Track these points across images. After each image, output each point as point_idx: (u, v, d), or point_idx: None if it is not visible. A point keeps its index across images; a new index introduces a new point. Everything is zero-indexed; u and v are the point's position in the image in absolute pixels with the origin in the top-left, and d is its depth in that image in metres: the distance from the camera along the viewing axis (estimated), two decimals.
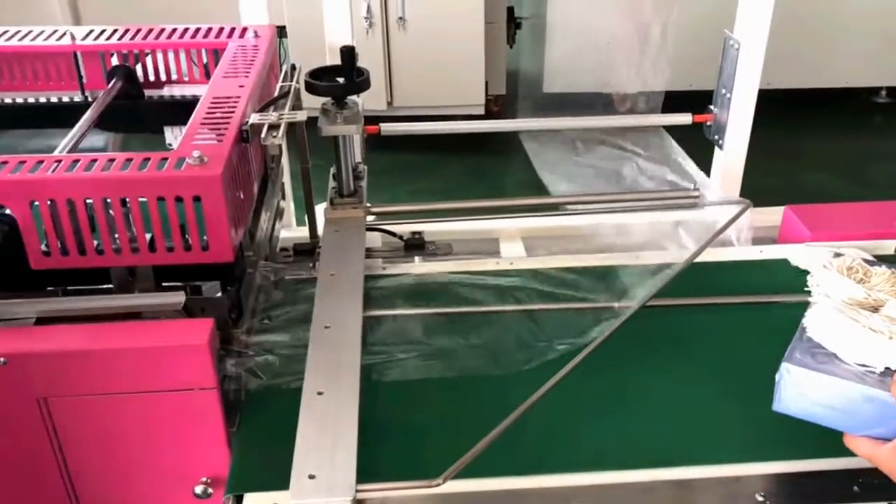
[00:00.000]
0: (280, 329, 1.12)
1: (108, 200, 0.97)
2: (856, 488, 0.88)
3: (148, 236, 1.00)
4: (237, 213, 1.05)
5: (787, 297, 1.20)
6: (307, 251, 1.40)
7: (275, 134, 1.11)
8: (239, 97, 1.17)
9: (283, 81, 1.33)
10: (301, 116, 1.17)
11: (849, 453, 0.86)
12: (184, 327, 1.00)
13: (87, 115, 1.27)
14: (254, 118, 1.12)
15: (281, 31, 2.83)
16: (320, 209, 1.37)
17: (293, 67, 1.38)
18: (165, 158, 0.99)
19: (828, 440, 0.87)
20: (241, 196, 1.09)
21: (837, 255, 0.98)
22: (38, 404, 0.98)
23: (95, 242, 1.00)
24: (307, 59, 1.36)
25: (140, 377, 0.97)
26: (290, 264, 1.32)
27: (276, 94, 1.30)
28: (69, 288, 1.07)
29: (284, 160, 1.62)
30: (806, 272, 1.28)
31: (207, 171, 0.97)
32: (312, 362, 0.96)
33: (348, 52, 1.25)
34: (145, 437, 1.02)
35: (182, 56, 1.43)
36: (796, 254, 1.30)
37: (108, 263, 1.02)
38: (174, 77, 1.45)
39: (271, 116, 1.14)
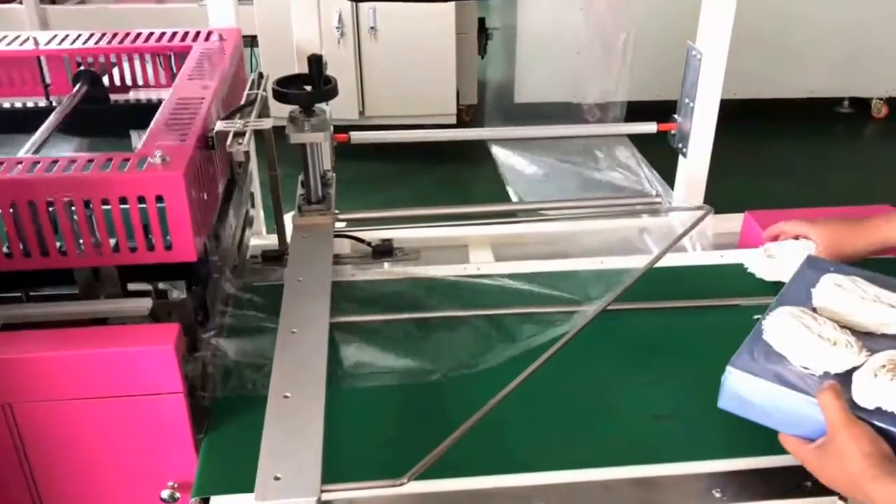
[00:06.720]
0: None
1: (70, 202, 0.96)
2: (808, 483, 0.90)
3: (112, 241, 1.00)
4: (201, 214, 1.05)
5: (745, 300, 1.23)
6: (275, 258, 1.40)
7: (240, 141, 1.11)
8: (203, 98, 1.17)
9: (250, 90, 1.34)
10: (267, 124, 1.18)
11: None
12: (150, 332, 1.00)
13: (51, 120, 1.26)
14: (220, 125, 1.13)
15: (252, 41, 2.83)
16: (290, 217, 1.38)
17: (260, 76, 1.39)
18: (127, 159, 0.99)
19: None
20: (205, 197, 1.09)
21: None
22: (3, 410, 0.97)
23: (58, 244, 0.99)
24: (278, 69, 1.36)
25: (107, 382, 0.98)
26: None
27: (243, 100, 1.31)
28: (32, 294, 1.07)
29: (254, 168, 1.62)
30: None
31: (170, 170, 0.97)
32: (279, 366, 0.97)
33: (316, 61, 1.27)
34: (112, 442, 1.02)
35: (148, 60, 1.42)
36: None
37: (71, 265, 1.02)
38: (140, 81, 1.44)
39: (237, 124, 1.15)
